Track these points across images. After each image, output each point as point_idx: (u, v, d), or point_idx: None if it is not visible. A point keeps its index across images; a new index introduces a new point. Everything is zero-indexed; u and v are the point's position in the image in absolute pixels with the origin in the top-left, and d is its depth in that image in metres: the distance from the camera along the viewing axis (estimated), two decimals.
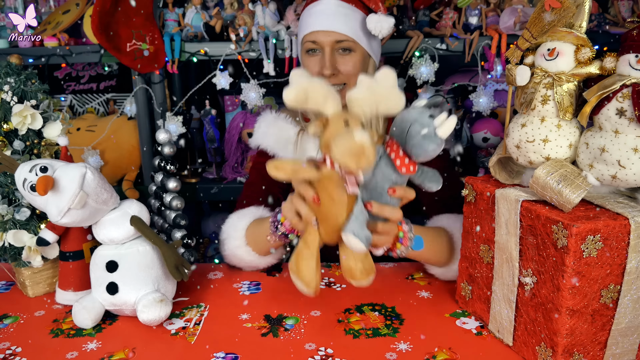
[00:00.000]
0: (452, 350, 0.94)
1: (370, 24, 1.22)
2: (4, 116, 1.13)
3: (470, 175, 1.04)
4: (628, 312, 0.84)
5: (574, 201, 0.81)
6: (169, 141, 1.27)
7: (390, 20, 1.23)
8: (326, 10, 1.23)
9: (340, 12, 1.23)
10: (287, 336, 1.00)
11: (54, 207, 1.00)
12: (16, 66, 1.16)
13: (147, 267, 1.05)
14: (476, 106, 1.68)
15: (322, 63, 1.24)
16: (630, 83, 0.79)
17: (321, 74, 1.24)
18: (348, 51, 1.24)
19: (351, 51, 1.25)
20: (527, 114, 0.92)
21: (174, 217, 1.23)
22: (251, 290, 1.19)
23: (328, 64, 1.23)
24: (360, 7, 1.26)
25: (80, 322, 1.03)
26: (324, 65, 1.23)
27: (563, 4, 0.85)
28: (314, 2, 1.27)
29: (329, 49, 1.24)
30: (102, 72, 2.18)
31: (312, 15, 1.25)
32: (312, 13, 1.25)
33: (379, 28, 1.22)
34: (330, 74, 1.23)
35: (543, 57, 0.89)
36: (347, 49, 1.24)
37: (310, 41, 1.25)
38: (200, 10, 1.73)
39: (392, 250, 1.01)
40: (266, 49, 1.65)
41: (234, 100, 2.04)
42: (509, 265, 0.92)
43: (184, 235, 1.21)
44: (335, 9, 1.23)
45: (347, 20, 1.23)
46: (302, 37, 1.28)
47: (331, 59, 1.24)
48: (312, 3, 1.27)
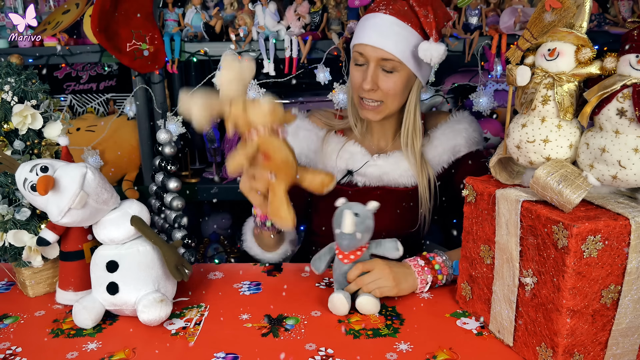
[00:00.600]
0: (453, 351, 0.94)
1: (421, 51, 1.21)
2: (4, 116, 1.13)
3: (471, 176, 1.04)
4: (628, 312, 0.84)
5: (574, 201, 0.81)
6: (170, 141, 1.26)
7: (440, 49, 1.20)
8: (380, 26, 1.22)
9: (393, 30, 1.21)
10: (287, 336, 1.00)
11: (55, 207, 1.00)
12: (16, 66, 1.16)
13: (148, 267, 1.05)
14: (476, 106, 1.68)
15: (364, 76, 1.24)
16: (630, 83, 0.79)
17: (361, 87, 1.25)
18: (392, 69, 1.23)
19: (395, 71, 1.24)
20: (527, 114, 0.92)
21: (174, 217, 1.23)
22: (251, 290, 1.19)
23: (369, 79, 1.23)
24: (416, 27, 1.22)
25: (81, 322, 1.03)
26: (366, 80, 1.24)
27: (563, 4, 0.85)
28: (372, 14, 1.25)
29: (374, 64, 1.23)
30: (102, 72, 2.18)
31: (366, 28, 1.24)
32: (367, 26, 1.24)
33: (429, 56, 1.20)
34: (369, 89, 1.24)
35: (543, 57, 0.89)
36: (392, 68, 1.23)
37: (358, 52, 1.25)
38: (200, 10, 1.73)
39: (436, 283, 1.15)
40: (266, 49, 1.65)
41: None
42: (509, 266, 0.92)
43: (184, 235, 1.21)
44: (389, 26, 1.22)
45: (398, 40, 1.21)
46: (353, 45, 1.28)
47: (374, 75, 1.23)
48: (371, 14, 1.26)
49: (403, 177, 1.34)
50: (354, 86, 1.29)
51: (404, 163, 1.33)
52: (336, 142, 1.37)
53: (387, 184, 1.35)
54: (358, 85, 1.26)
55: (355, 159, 1.35)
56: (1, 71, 1.14)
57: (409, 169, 1.33)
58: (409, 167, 1.33)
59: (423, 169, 1.33)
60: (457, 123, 1.37)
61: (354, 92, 1.30)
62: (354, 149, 1.36)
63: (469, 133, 1.36)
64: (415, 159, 1.32)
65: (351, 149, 1.36)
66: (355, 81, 1.28)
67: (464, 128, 1.36)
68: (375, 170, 1.34)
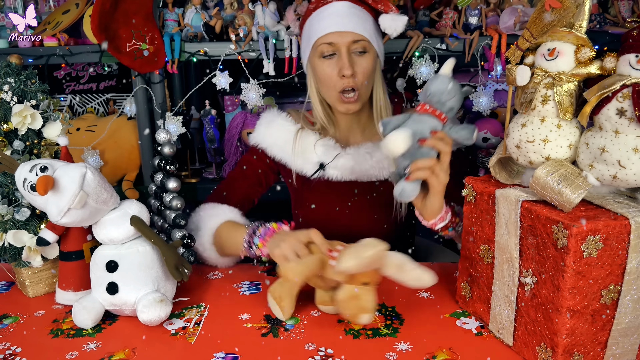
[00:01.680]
0: (452, 351, 0.94)
1: (385, 22, 1.22)
2: (4, 116, 1.13)
3: (470, 175, 1.04)
4: (628, 312, 0.84)
5: (574, 201, 0.81)
6: (169, 141, 1.26)
7: (404, 19, 1.22)
8: (339, 12, 1.23)
9: (353, 12, 1.23)
10: (287, 336, 1.00)
11: (54, 207, 1.00)
12: (16, 66, 1.16)
13: (147, 267, 1.05)
14: (476, 106, 1.68)
15: (340, 64, 1.23)
16: (630, 83, 0.79)
17: (341, 75, 1.23)
18: (363, 50, 1.24)
19: (366, 52, 1.24)
20: (527, 114, 0.92)
21: (174, 217, 1.23)
22: (251, 290, 1.19)
23: (347, 64, 1.21)
24: (368, 10, 1.25)
25: (80, 322, 1.03)
26: (344, 66, 1.22)
27: (563, 4, 0.85)
28: (324, 6, 1.25)
29: (346, 49, 1.22)
30: (102, 72, 2.18)
31: (324, 19, 1.24)
32: (325, 16, 1.24)
33: (393, 27, 1.21)
34: (350, 74, 1.22)
35: (543, 57, 0.89)
36: (363, 49, 1.23)
37: (326, 43, 1.23)
38: (200, 10, 1.73)
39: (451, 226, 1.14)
40: (266, 49, 1.65)
41: (234, 100, 2.04)
42: (509, 266, 0.92)
43: (183, 235, 1.20)
44: (348, 9, 1.23)
45: (360, 21, 1.23)
46: (315, 40, 1.25)
47: (349, 60, 1.22)
48: (321, 7, 1.25)
49: (374, 169, 1.32)
50: (329, 81, 1.26)
51: (377, 154, 1.31)
52: (311, 136, 1.36)
53: (359, 176, 1.33)
54: (335, 76, 1.24)
55: (327, 153, 1.33)
56: (1, 71, 1.14)
57: (381, 160, 1.31)
58: (383, 158, 1.31)
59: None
60: None
61: (329, 89, 1.27)
62: (328, 143, 1.34)
63: None
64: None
65: (325, 143, 1.34)
66: (329, 75, 1.25)
67: None
68: (346, 162, 1.32)
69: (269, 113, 1.43)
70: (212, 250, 1.26)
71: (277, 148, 1.38)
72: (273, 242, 1.09)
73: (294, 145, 1.35)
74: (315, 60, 1.28)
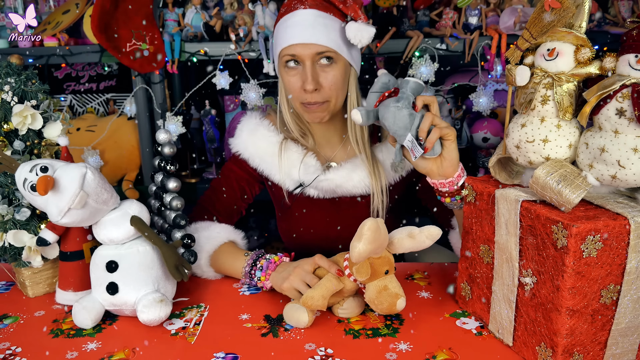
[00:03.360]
0: (452, 351, 0.94)
1: (350, 32, 1.16)
2: (4, 116, 1.13)
3: (470, 176, 1.04)
4: (628, 312, 0.84)
5: (573, 201, 0.81)
6: (169, 141, 1.26)
7: (371, 30, 1.17)
8: (303, 22, 1.16)
9: (318, 22, 1.16)
10: (287, 336, 1.00)
11: (54, 207, 1.00)
12: (16, 66, 1.16)
13: (147, 267, 1.05)
14: (476, 106, 1.68)
15: (303, 77, 1.18)
16: (630, 83, 0.79)
17: (303, 89, 1.19)
18: (330, 61, 1.18)
19: (333, 62, 1.18)
20: (527, 114, 0.92)
21: (174, 217, 1.23)
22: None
23: (310, 79, 1.16)
24: (338, 16, 1.19)
25: (80, 322, 1.03)
26: (306, 80, 1.17)
27: (563, 4, 0.85)
28: (289, 14, 1.19)
29: (310, 62, 1.17)
30: (102, 72, 2.18)
31: (288, 28, 1.18)
32: (289, 25, 1.18)
33: (358, 37, 1.16)
34: (313, 89, 1.17)
35: (543, 57, 0.89)
36: (329, 58, 1.18)
37: (289, 54, 1.18)
38: (200, 10, 1.73)
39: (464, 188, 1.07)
40: (266, 49, 1.65)
41: (234, 100, 2.04)
42: (509, 266, 0.92)
43: (184, 236, 1.20)
44: (314, 19, 1.16)
45: (326, 31, 1.16)
46: (280, 51, 1.20)
47: (313, 73, 1.17)
48: (287, 15, 1.19)
49: (357, 188, 1.28)
50: (293, 92, 1.22)
51: (358, 172, 1.27)
52: (295, 152, 1.31)
53: (342, 195, 1.31)
54: (298, 89, 1.20)
55: (308, 173, 1.29)
56: (1, 71, 1.14)
57: (364, 178, 1.27)
58: (365, 175, 1.27)
59: (376, 173, 1.28)
60: None
61: (294, 100, 1.24)
62: (309, 161, 1.29)
63: None
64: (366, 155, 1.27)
65: (307, 162, 1.29)
66: (293, 86, 1.20)
67: None
68: (327, 184, 1.28)
69: (250, 119, 1.37)
70: (211, 271, 1.24)
71: (259, 159, 1.34)
72: (278, 276, 1.09)
73: (280, 160, 1.31)
74: (281, 69, 1.23)
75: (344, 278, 1.02)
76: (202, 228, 1.28)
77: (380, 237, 0.94)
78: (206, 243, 1.24)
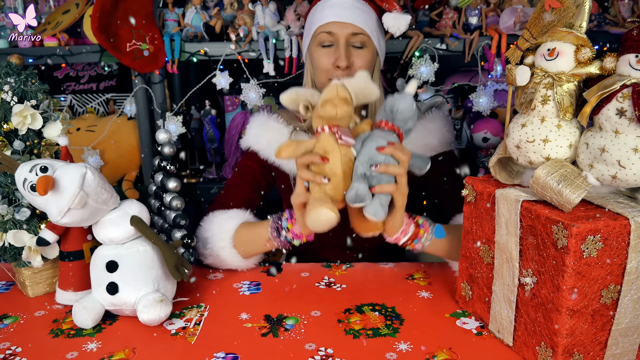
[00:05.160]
0: (452, 351, 0.94)
1: (389, 21, 1.21)
2: (4, 116, 1.13)
3: (470, 175, 1.04)
4: (628, 312, 0.84)
5: (574, 201, 0.81)
6: (169, 141, 1.26)
7: (408, 18, 1.23)
8: (342, 4, 1.23)
9: (356, 6, 1.23)
10: (287, 336, 1.00)
11: (54, 207, 1.00)
12: (16, 66, 1.16)
13: (147, 267, 1.05)
14: (476, 106, 1.68)
15: (337, 54, 1.22)
16: (630, 83, 0.79)
17: (336, 65, 1.22)
18: (362, 45, 1.24)
19: (364, 46, 1.24)
20: (527, 114, 0.92)
21: (174, 217, 1.23)
22: (251, 290, 1.19)
23: (343, 56, 1.21)
24: (373, 7, 1.26)
25: (80, 322, 1.03)
26: (340, 57, 1.21)
27: (563, 4, 0.85)
28: None
29: (344, 40, 1.22)
30: (102, 72, 2.18)
31: (327, 8, 1.24)
32: (328, 5, 1.24)
33: (397, 26, 1.21)
34: (345, 65, 1.21)
35: (543, 57, 0.89)
36: (361, 43, 1.23)
37: (326, 32, 1.23)
38: (200, 10, 1.73)
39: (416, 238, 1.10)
40: (266, 49, 1.65)
41: (234, 100, 2.04)
42: (509, 266, 0.92)
43: (184, 235, 1.21)
44: (352, 2, 1.23)
45: (363, 15, 1.23)
46: (315, 29, 1.25)
47: (346, 51, 1.22)
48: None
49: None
50: (323, 68, 1.25)
51: None
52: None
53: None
54: (330, 65, 1.23)
55: None
56: (1, 71, 1.14)
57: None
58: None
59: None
60: (431, 122, 1.34)
61: (323, 75, 1.26)
62: None
63: (442, 133, 1.33)
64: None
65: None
66: (325, 62, 1.24)
67: (438, 128, 1.33)
68: None
69: (259, 115, 1.41)
70: (232, 252, 1.22)
71: (271, 150, 1.35)
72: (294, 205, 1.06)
73: None
74: (313, 48, 1.27)
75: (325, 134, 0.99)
76: (220, 213, 1.28)
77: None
78: (226, 223, 1.24)
